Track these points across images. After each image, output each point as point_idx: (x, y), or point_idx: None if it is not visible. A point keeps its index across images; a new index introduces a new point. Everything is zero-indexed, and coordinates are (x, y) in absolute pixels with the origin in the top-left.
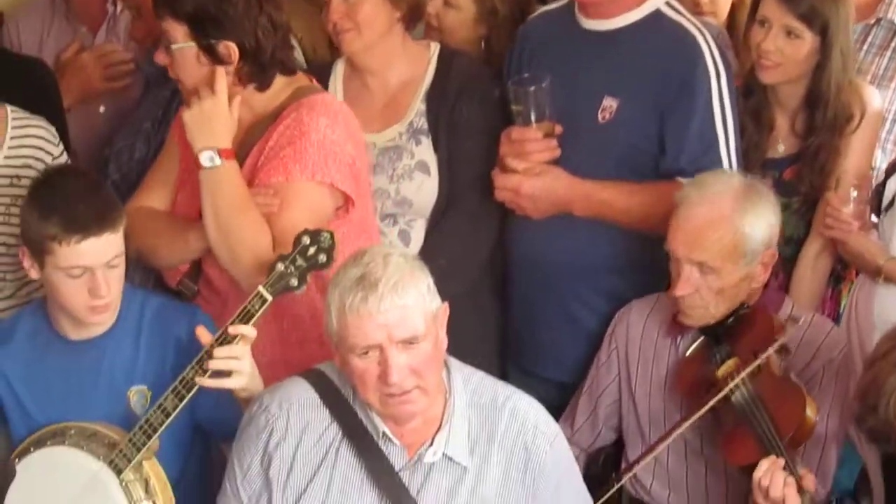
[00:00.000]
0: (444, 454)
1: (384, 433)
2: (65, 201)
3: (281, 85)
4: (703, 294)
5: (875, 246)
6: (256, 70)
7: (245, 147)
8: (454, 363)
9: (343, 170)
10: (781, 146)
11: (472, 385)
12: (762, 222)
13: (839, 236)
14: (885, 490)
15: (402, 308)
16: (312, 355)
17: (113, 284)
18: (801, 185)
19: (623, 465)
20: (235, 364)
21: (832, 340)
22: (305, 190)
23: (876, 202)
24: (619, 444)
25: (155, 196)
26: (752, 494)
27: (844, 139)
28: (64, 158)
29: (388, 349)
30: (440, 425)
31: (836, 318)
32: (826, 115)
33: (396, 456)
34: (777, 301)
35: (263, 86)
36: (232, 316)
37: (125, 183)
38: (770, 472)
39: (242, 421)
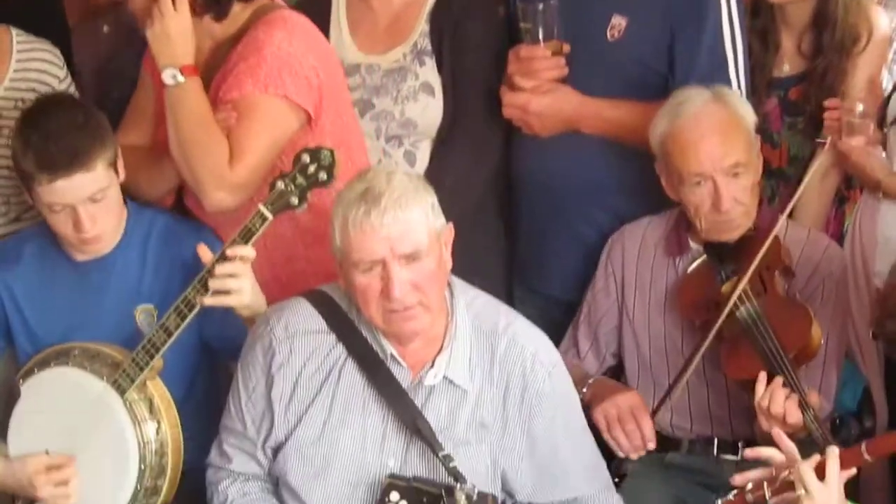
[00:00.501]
0: (444, 377)
1: (392, 355)
2: (41, 139)
3: (239, 9)
4: (743, 198)
5: (878, 160)
6: (210, 1)
7: (208, 73)
8: (458, 285)
9: (300, 83)
10: (787, 66)
11: (474, 309)
12: (746, 104)
13: (843, 148)
14: (888, 409)
15: (404, 222)
16: (302, 272)
17: (99, 218)
18: (807, 105)
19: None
20: (234, 283)
21: (830, 255)
22: (260, 103)
23: (881, 116)
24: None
25: (133, 133)
26: (756, 420)
27: (851, 60)
28: (69, 82)
29: (390, 264)
30: (441, 347)
31: (840, 239)
32: (834, 35)
33: (401, 377)
34: (772, 219)
35: (220, 16)
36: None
37: (124, 102)
38: (769, 392)
39: (247, 340)
